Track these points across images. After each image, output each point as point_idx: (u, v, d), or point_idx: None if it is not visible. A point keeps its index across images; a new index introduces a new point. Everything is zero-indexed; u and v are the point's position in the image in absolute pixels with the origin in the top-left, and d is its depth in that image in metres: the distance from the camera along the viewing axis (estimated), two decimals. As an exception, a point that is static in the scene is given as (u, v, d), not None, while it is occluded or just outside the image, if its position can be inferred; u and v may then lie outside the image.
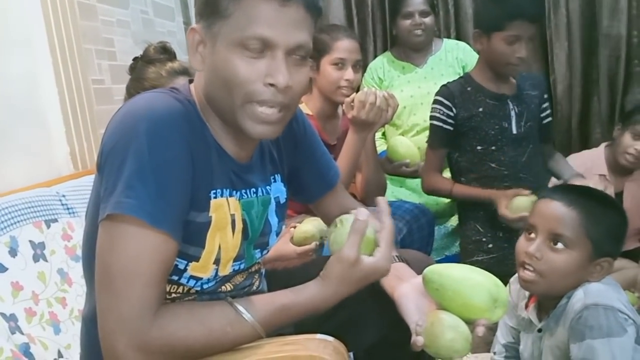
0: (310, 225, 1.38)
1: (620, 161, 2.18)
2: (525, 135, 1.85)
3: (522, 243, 1.21)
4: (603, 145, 2.34)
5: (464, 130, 1.86)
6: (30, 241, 1.26)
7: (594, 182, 2.15)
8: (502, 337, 1.37)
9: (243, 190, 0.94)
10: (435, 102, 1.89)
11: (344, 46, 1.78)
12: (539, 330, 1.22)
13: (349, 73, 1.78)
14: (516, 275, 1.31)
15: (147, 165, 0.78)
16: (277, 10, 0.82)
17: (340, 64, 1.77)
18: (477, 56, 2.47)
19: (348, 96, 1.72)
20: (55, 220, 1.36)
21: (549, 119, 1.97)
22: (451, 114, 1.85)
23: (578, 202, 1.17)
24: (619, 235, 1.20)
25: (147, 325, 0.78)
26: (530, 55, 1.83)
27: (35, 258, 1.26)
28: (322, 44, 1.78)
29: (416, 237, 1.91)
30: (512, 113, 1.84)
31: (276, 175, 1.04)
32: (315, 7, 0.87)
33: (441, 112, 1.87)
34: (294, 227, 1.40)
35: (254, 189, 0.97)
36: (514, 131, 1.84)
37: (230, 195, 0.92)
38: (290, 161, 1.08)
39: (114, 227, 0.79)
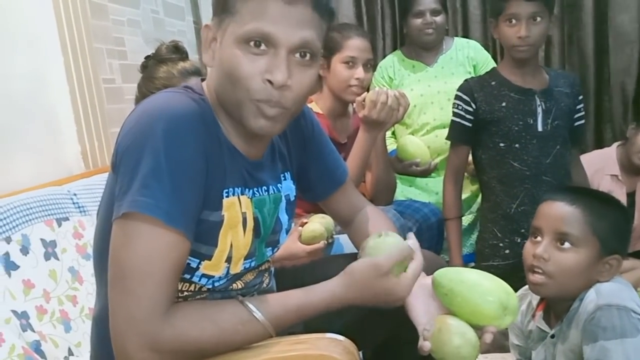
0: (318, 224, 1.37)
1: (634, 161, 2.15)
2: (552, 134, 1.77)
3: (528, 247, 1.20)
4: (615, 145, 2.32)
5: (486, 125, 1.80)
6: (41, 239, 1.27)
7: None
8: (512, 356, 1.36)
9: (255, 189, 0.95)
10: (456, 97, 1.86)
11: (355, 44, 1.78)
12: (552, 337, 1.21)
13: (359, 72, 1.77)
14: (518, 293, 1.30)
15: (163, 164, 0.78)
16: (282, 8, 0.82)
17: (351, 63, 1.77)
18: (487, 54, 2.47)
19: (358, 95, 1.71)
20: (67, 219, 1.37)
21: (582, 121, 1.88)
22: (470, 109, 1.81)
23: (581, 200, 1.17)
24: (624, 232, 1.20)
25: (159, 325, 0.78)
26: (539, 36, 1.73)
27: (47, 256, 1.27)
28: (333, 42, 1.77)
29: (426, 237, 1.90)
30: (539, 109, 1.76)
31: (286, 173, 1.04)
32: (324, 8, 0.87)
33: (460, 108, 1.83)
34: (302, 225, 1.40)
35: (265, 187, 0.97)
36: (540, 128, 1.76)
37: (242, 194, 0.92)
38: (298, 159, 1.08)
39: (129, 225, 0.78)
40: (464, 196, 2.30)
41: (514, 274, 0.99)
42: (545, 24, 1.73)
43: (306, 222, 1.41)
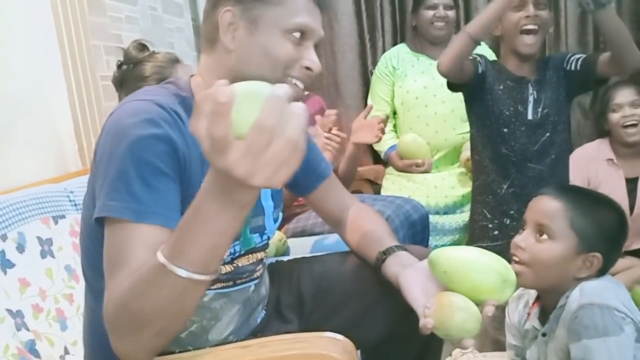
0: None
1: (625, 139, 2.14)
2: (541, 122, 1.81)
3: (514, 238, 1.22)
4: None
5: (485, 94, 1.82)
6: (38, 237, 1.26)
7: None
8: (508, 356, 1.36)
9: None
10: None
11: None
12: (544, 335, 1.20)
13: None
14: (515, 293, 1.32)
15: (129, 167, 0.81)
16: (312, 5, 0.95)
17: None
18: (491, 52, 2.46)
19: None
20: (63, 217, 1.36)
21: (580, 61, 1.80)
22: (481, 64, 1.82)
23: (566, 195, 1.19)
24: (609, 232, 1.18)
25: (114, 298, 0.77)
26: (545, 21, 1.75)
27: (43, 254, 1.26)
28: None
29: (409, 234, 1.88)
30: (531, 98, 1.81)
31: None
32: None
33: (476, 58, 1.83)
34: None
35: None
36: (529, 116, 1.80)
37: None
38: None
39: (106, 229, 0.83)
40: (463, 192, 2.30)
41: (503, 256, 1.00)
42: (548, 14, 1.76)
43: None
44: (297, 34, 0.93)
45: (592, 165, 2.20)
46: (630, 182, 2.16)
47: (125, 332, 0.77)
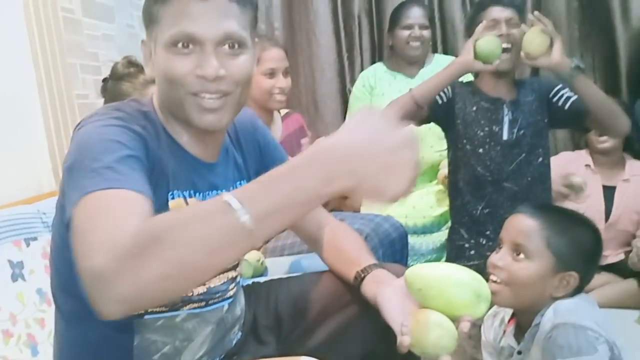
0: None
1: (596, 146, 2.21)
2: (517, 142, 1.82)
3: (491, 257, 1.22)
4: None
5: (455, 120, 1.85)
6: (9, 260, 1.24)
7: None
8: None
9: (206, 192, 0.97)
10: None
11: (273, 56, 1.88)
12: (519, 353, 1.21)
13: (280, 81, 1.88)
14: (490, 311, 1.32)
15: (104, 150, 0.79)
16: (198, 5, 0.86)
17: (271, 74, 1.87)
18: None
19: (282, 102, 1.89)
20: (35, 239, 1.34)
21: (569, 102, 1.80)
22: (445, 94, 1.83)
23: (542, 215, 1.19)
24: (585, 251, 1.19)
25: (125, 230, 0.67)
26: (518, 37, 1.76)
27: (14, 277, 1.24)
28: None
29: (388, 253, 1.89)
30: (506, 119, 1.83)
31: (242, 182, 1.06)
32: None
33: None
34: None
35: (217, 191, 0.98)
36: (505, 137, 1.82)
37: (191, 196, 0.94)
38: (256, 170, 1.09)
39: (75, 210, 0.74)
40: (441, 211, 2.31)
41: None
42: (521, 32, 1.77)
43: None
44: (180, 44, 0.87)
45: (570, 168, 2.23)
46: (608, 190, 2.20)
47: (133, 255, 0.64)
